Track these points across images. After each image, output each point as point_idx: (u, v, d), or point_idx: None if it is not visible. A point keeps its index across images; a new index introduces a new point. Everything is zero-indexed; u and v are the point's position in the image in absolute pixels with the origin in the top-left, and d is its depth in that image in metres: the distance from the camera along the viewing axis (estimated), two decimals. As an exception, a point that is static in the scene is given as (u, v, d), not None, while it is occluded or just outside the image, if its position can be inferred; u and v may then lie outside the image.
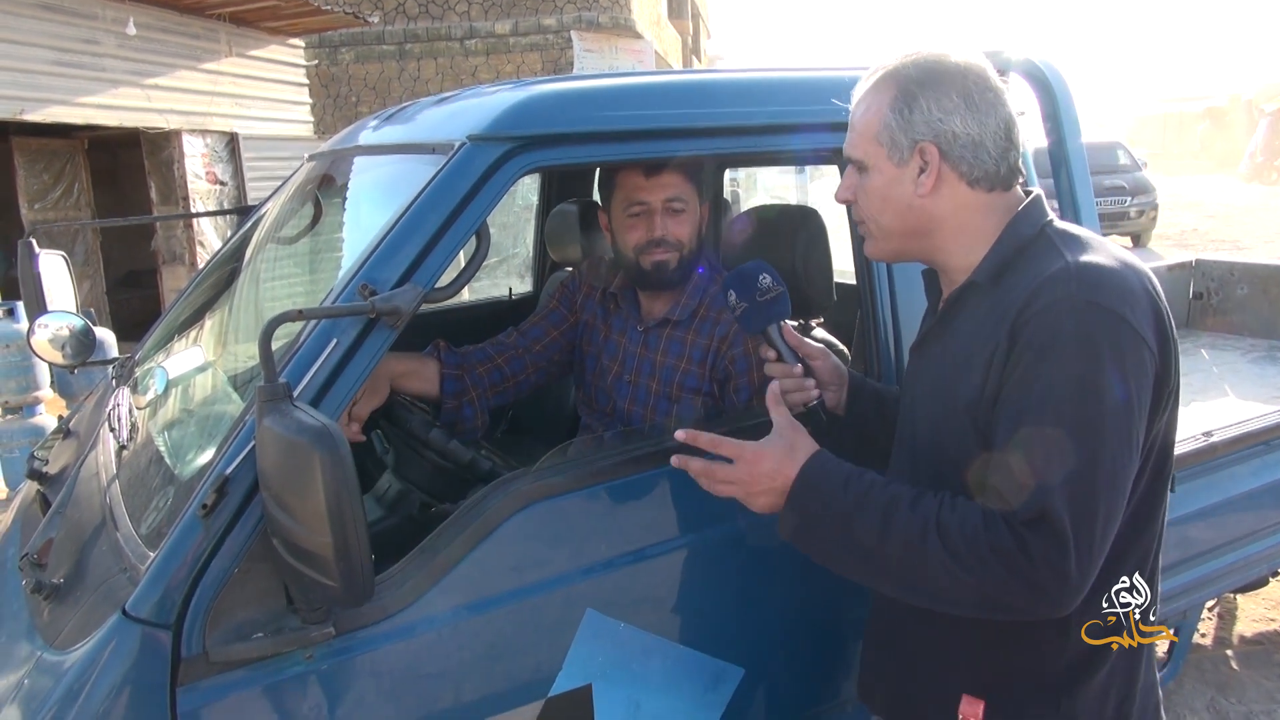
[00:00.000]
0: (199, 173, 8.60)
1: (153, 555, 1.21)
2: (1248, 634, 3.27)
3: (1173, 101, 39.46)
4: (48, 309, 2.10)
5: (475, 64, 15.55)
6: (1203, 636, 3.19)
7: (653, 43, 17.34)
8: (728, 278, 1.45)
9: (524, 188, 5.00)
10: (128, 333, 5.89)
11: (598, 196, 2.14)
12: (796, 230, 1.86)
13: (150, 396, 1.85)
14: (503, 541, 1.37)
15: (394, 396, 1.76)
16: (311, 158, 2.10)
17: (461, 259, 1.41)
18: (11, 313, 4.47)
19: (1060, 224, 1.17)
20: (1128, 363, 1.03)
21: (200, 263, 8.16)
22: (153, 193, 8.59)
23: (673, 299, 1.86)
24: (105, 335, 4.38)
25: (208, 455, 1.34)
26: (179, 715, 1.17)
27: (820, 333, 1.90)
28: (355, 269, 1.33)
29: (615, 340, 1.94)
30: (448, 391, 1.86)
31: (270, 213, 2.11)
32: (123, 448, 1.68)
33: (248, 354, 1.75)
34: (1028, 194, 1.20)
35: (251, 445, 1.18)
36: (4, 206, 8.25)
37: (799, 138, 1.62)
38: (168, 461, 1.53)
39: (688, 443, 1.22)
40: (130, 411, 1.81)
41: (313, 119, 10.68)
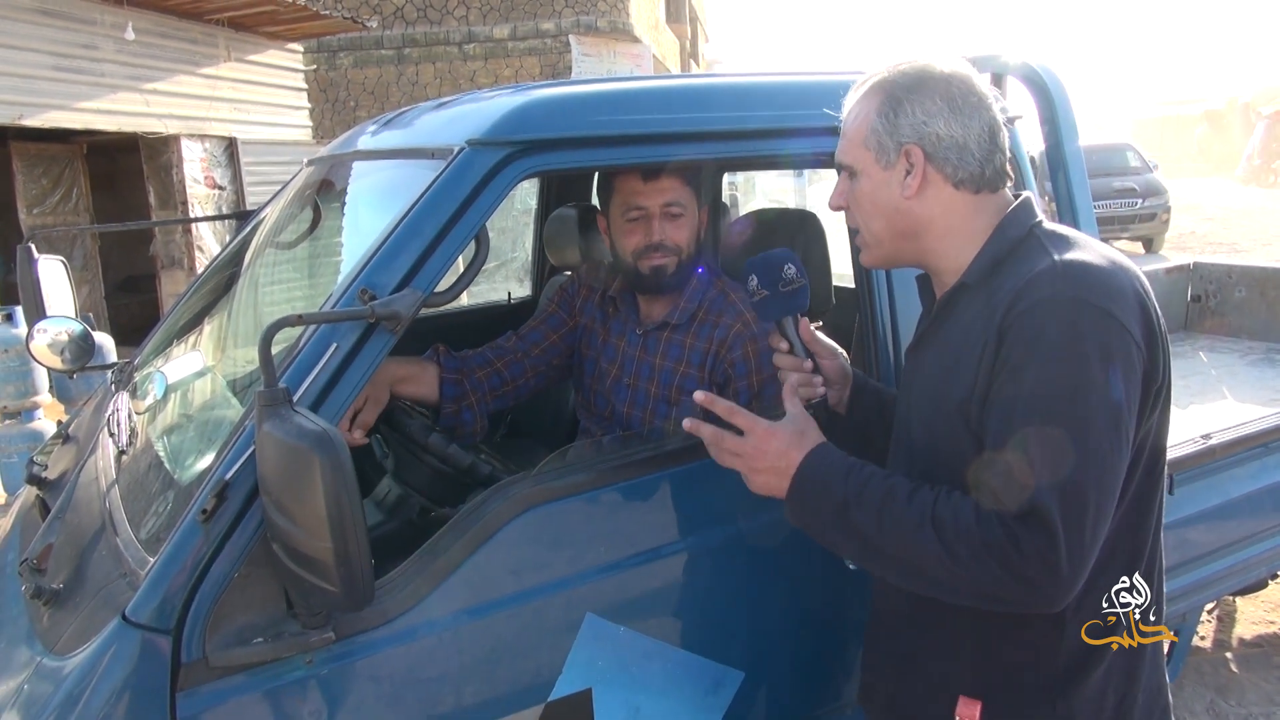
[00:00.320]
0: (198, 178, 8.60)
1: (152, 560, 1.21)
2: (1247, 636, 3.27)
3: (1170, 104, 39.57)
4: (47, 314, 2.10)
5: (474, 68, 15.58)
6: (1202, 639, 3.19)
7: (651, 47, 17.36)
8: (751, 262, 1.41)
9: (523, 192, 5.00)
10: (126, 337, 5.88)
11: (596, 200, 2.14)
12: (795, 233, 1.87)
13: (149, 401, 1.84)
14: (502, 546, 1.37)
15: (393, 401, 1.77)
16: (310, 162, 2.10)
17: (461, 264, 1.41)
18: (10, 318, 4.47)
19: (1049, 225, 1.19)
20: (1115, 358, 1.04)
21: (199, 268, 8.16)
22: (151, 198, 8.58)
23: (671, 302, 1.86)
24: (104, 340, 4.39)
25: (207, 460, 1.34)
26: (179, 720, 1.17)
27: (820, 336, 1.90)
28: (354, 274, 1.33)
29: (614, 344, 1.94)
30: (447, 396, 1.87)
31: (269, 218, 2.11)
32: (122, 453, 1.68)
33: (247, 359, 1.75)
34: (1017, 196, 1.22)
35: (251, 450, 1.18)
36: (3, 211, 8.24)
37: (796, 142, 1.63)
38: (167, 466, 1.53)
39: (704, 406, 1.24)
40: (129, 416, 1.81)
41: (311, 124, 10.68)
